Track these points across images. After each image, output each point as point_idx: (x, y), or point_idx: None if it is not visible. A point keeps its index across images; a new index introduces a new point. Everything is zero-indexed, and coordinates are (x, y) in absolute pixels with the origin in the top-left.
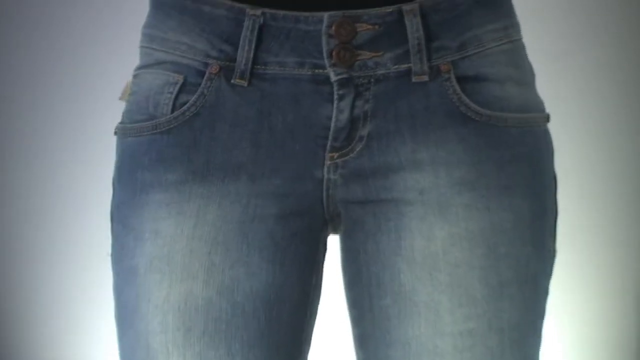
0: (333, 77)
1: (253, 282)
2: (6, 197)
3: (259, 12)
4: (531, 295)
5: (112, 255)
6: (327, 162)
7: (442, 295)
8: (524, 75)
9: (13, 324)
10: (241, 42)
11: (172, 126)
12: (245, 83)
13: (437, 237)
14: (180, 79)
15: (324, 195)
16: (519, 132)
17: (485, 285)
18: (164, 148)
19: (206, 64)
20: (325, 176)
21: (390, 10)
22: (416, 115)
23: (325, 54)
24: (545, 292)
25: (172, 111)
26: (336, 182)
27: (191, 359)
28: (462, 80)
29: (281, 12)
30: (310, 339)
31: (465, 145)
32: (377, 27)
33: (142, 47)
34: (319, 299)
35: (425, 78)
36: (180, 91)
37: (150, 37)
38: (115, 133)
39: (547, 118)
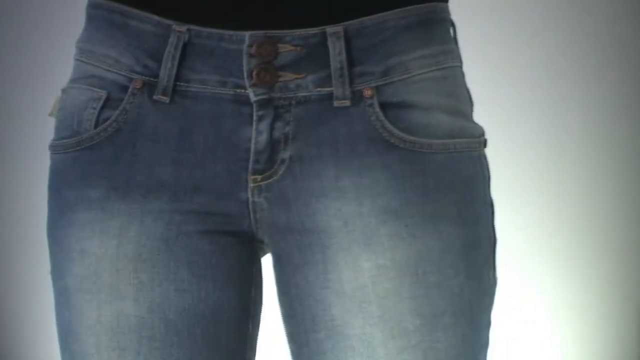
0: (252, 98)
1: (185, 298)
2: (6, 197)
3: (184, 28)
4: (469, 326)
5: (50, 273)
6: (251, 185)
7: (374, 328)
8: (457, 103)
9: (13, 324)
10: (164, 58)
11: (94, 142)
12: (166, 99)
13: (364, 268)
14: (103, 94)
15: (252, 217)
16: (445, 158)
17: (417, 316)
18: (87, 165)
19: (130, 79)
20: (251, 199)
21: (314, 32)
22: (339, 140)
23: (245, 74)
24: (486, 323)
25: (95, 127)
26: (262, 205)
27: None
28: (385, 106)
29: (206, 30)
30: (254, 351)
31: (389, 173)
32: (299, 48)
33: (74, 59)
34: (260, 311)
35: (347, 103)
36: (103, 107)
37: (80, 49)
38: (49, 149)
39: (482, 144)
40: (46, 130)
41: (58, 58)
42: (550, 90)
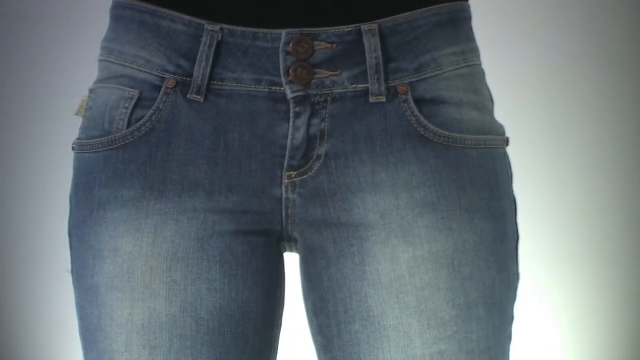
0: (289, 95)
1: (216, 297)
2: (7, 197)
3: (217, 27)
4: (499, 318)
5: (72, 272)
6: (285, 181)
7: (411, 318)
8: (482, 100)
9: (13, 324)
10: (198, 58)
11: (127, 142)
12: (201, 99)
13: (401, 260)
14: (135, 94)
15: (283, 214)
16: (477, 154)
17: (453, 307)
18: (120, 164)
19: (163, 79)
20: (284, 195)
21: (349, 29)
22: (375, 136)
23: (282, 72)
24: (511, 317)
25: (128, 127)
26: (295, 202)
27: None
28: (419, 102)
29: (239, 29)
30: (276, 351)
31: (425, 167)
32: (335, 46)
33: (100, 60)
34: (283, 311)
35: (383, 99)
36: (135, 106)
37: (108, 50)
38: (73, 149)
39: (506, 142)
40: (46, 130)
41: (58, 58)
42: (551, 90)
